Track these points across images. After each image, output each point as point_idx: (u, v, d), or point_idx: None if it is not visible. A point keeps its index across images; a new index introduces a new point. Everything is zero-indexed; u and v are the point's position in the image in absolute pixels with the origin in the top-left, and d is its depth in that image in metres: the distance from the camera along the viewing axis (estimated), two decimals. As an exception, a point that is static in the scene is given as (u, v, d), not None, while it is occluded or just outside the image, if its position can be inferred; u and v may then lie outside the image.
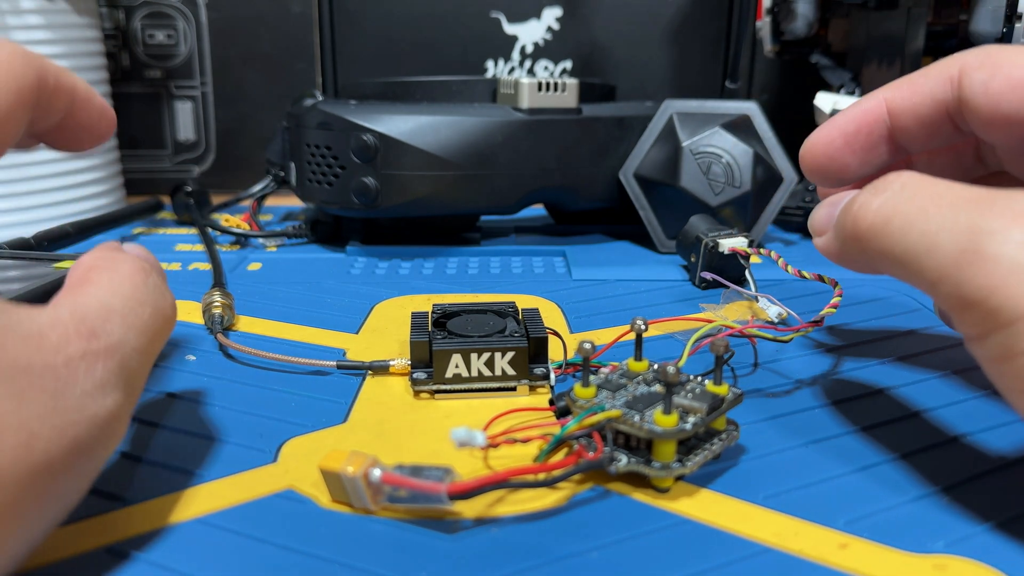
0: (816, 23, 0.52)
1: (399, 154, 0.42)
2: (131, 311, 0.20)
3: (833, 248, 0.24)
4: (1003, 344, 0.18)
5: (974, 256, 0.18)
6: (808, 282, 0.32)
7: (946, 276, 0.19)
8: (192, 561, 0.19)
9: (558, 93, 0.45)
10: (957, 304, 0.19)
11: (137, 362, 0.19)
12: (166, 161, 0.64)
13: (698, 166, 0.43)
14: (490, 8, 0.62)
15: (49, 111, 0.22)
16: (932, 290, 0.20)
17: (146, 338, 0.20)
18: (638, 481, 0.22)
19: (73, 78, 0.23)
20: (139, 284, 0.21)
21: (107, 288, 0.20)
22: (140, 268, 0.21)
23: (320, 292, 0.39)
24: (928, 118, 0.26)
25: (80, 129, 0.24)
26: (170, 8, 0.61)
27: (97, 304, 0.19)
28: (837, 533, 0.20)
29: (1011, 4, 0.43)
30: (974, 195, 0.19)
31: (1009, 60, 0.24)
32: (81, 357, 0.17)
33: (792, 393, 0.28)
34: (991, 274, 0.18)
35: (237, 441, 0.24)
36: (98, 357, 0.18)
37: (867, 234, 0.21)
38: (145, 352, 0.20)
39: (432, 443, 0.24)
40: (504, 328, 0.28)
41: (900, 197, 0.21)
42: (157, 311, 0.21)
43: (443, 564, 0.19)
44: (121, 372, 0.18)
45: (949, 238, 0.19)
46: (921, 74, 0.26)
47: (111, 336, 0.18)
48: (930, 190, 0.20)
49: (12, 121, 0.20)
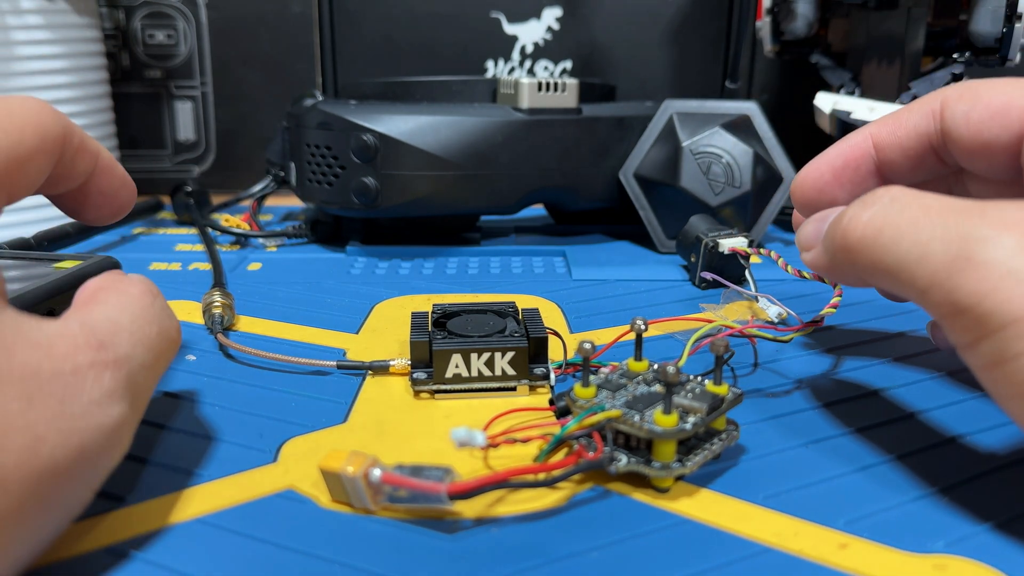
0: (816, 23, 0.52)
1: (399, 154, 0.42)
2: (139, 328, 0.20)
3: (823, 262, 0.24)
4: (995, 350, 0.18)
5: (966, 263, 0.19)
6: (808, 282, 0.32)
7: (937, 283, 0.19)
8: (192, 561, 0.19)
9: (558, 93, 0.45)
10: (948, 311, 0.19)
11: (143, 378, 0.20)
12: (166, 161, 0.64)
13: (698, 166, 0.43)
14: (490, 8, 0.62)
15: (72, 170, 0.23)
16: (923, 298, 0.20)
17: (152, 355, 0.20)
18: (638, 481, 0.22)
19: (98, 145, 0.24)
20: (147, 305, 0.21)
21: (115, 306, 0.20)
22: (148, 290, 0.22)
23: (320, 292, 0.39)
24: (913, 151, 0.27)
25: (101, 195, 0.24)
26: (170, 8, 0.61)
27: (106, 319, 0.19)
28: (837, 533, 0.20)
29: (1011, 4, 0.43)
30: (963, 206, 0.20)
31: (988, 90, 0.25)
32: (90, 366, 0.18)
33: (792, 393, 0.28)
34: (983, 279, 0.18)
35: (237, 441, 0.24)
36: (106, 367, 0.18)
37: (857, 246, 0.21)
38: (151, 368, 0.20)
39: (432, 443, 0.24)
40: (504, 328, 0.28)
41: (890, 209, 0.21)
42: (163, 331, 0.21)
43: (443, 564, 0.19)
44: (128, 384, 0.19)
45: (940, 246, 0.19)
46: (905, 110, 0.27)
47: (119, 349, 0.19)
48: (920, 201, 0.20)
49: (34, 164, 0.21)
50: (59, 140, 0.21)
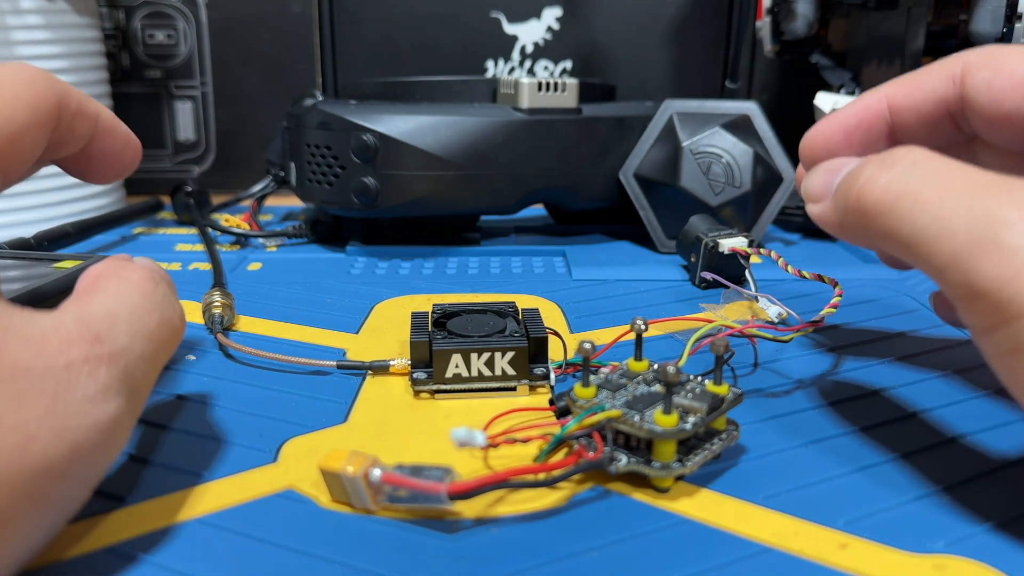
0: (816, 23, 0.52)
1: (399, 154, 0.42)
2: (138, 319, 0.19)
3: (832, 219, 0.23)
4: (1013, 337, 0.18)
5: (990, 245, 0.18)
6: (808, 282, 0.32)
7: (957, 263, 0.18)
8: (192, 561, 0.19)
9: (558, 93, 0.45)
10: (966, 293, 0.19)
11: (142, 370, 0.19)
12: (166, 161, 0.64)
13: (698, 166, 0.43)
14: (490, 8, 0.62)
15: (71, 135, 0.22)
16: (939, 276, 0.19)
17: (152, 346, 0.20)
18: (638, 481, 0.22)
19: (97, 105, 0.23)
20: (148, 293, 0.20)
21: (114, 295, 0.20)
22: (149, 277, 0.21)
23: (320, 292, 0.39)
24: (929, 116, 0.26)
25: (104, 157, 0.24)
26: (170, 8, 0.61)
27: (103, 311, 0.19)
28: (837, 533, 0.20)
29: (1011, 4, 0.43)
30: (989, 181, 0.19)
31: (1013, 58, 0.24)
32: (84, 361, 0.17)
33: (792, 393, 0.28)
34: (1007, 264, 0.18)
35: (237, 441, 0.24)
36: (101, 362, 0.18)
37: (872, 210, 0.20)
38: (151, 360, 0.20)
39: (432, 443, 0.24)
40: (504, 328, 0.28)
41: (911, 175, 0.20)
42: (165, 320, 0.21)
43: (443, 564, 0.19)
44: (125, 379, 0.18)
45: (964, 224, 0.18)
46: (924, 71, 0.26)
47: (116, 342, 0.18)
48: (943, 171, 0.20)
49: (29, 138, 0.20)
50: (53, 110, 0.21)
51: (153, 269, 0.22)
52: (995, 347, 0.19)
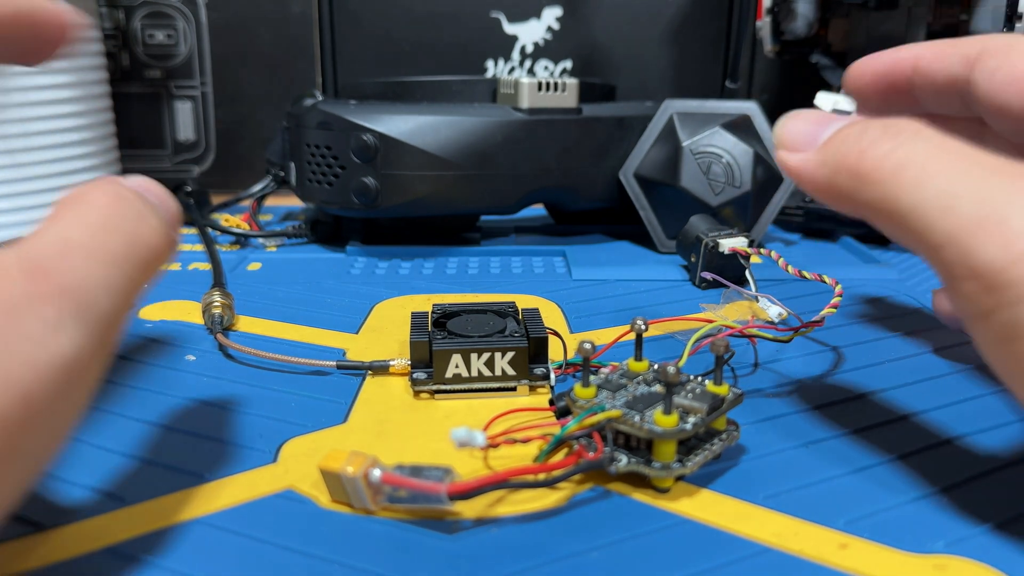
0: (816, 23, 0.52)
1: (399, 154, 0.42)
2: (99, 244, 0.18)
3: (817, 175, 0.21)
4: (1010, 323, 0.17)
5: (996, 226, 0.17)
6: (808, 282, 0.32)
7: (957, 240, 0.18)
8: (192, 561, 0.19)
9: (558, 93, 0.45)
10: (963, 273, 0.18)
11: (107, 299, 0.17)
12: (166, 161, 0.64)
13: (698, 166, 0.43)
14: (490, 8, 0.62)
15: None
16: (934, 253, 0.18)
17: (117, 270, 0.18)
18: (638, 481, 0.22)
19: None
20: (111, 213, 0.18)
21: (69, 221, 0.18)
22: (116, 195, 0.19)
23: (320, 292, 0.39)
24: (942, 89, 0.26)
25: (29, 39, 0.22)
26: (170, 8, 0.61)
27: (55, 239, 0.17)
28: (837, 533, 0.20)
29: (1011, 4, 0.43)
30: (997, 164, 0.18)
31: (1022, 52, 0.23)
32: (27, 299, 0.16)
33: (792, 393, 0.28)
34: (1010, 245, 0.17)
35: (237, 441, 0.24)
36: (48, 299, 0.16)
37: (872, 175, 0.20)
38: (117, 288, 0.18)
39: (432, 443, 0.24)
40: (504, 328, 0.28)
41: (916, 147, 0.19)
42: (133, 240, 0.18)
43: (443, 564, 0.19)
44: (80, 312, 0.16)
45: (969, 202, 0.18)
46: (951, 43, 0.26)
47: (67, 274, 0.17)
48: (952, 148, 0.19)
49: None
50: None
51: (123, 186, 0.20)
52: (989, 334, 0.18)
